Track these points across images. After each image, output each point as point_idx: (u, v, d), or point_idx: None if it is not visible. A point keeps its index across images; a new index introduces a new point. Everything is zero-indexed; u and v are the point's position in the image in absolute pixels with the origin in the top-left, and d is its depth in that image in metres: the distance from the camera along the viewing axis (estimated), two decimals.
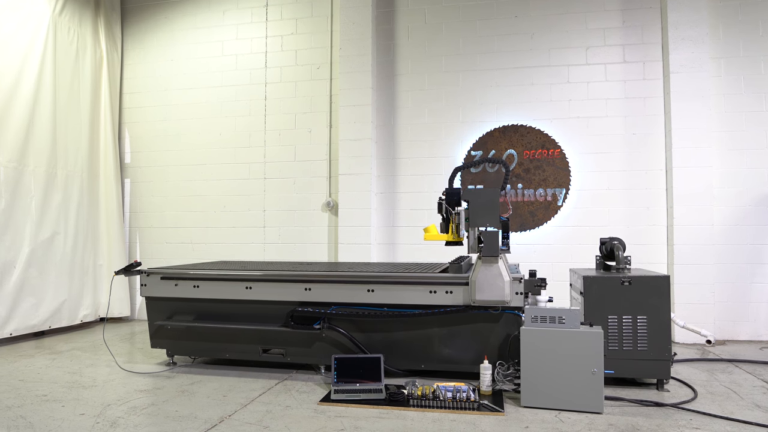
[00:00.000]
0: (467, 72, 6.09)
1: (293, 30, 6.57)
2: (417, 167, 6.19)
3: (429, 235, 3.98)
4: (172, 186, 6.88)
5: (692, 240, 5.35)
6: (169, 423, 3.07)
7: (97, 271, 6.40)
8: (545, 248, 5.85)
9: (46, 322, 5.63)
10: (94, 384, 3.87)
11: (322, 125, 6.45)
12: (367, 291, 3.97)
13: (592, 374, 3.23)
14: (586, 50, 5.83)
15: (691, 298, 5.31)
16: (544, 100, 5.90)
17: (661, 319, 3.64)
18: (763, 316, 5.39)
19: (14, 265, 5.31)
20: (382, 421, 3.10)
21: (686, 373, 4.14)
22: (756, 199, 5.43)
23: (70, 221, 5.98)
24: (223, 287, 4.24)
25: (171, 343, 4.40)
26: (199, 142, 6.82)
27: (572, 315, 3.33)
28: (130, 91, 7.06)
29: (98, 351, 5.00)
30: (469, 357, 3.89)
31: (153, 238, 6.91)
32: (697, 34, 5.41)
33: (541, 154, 5.88)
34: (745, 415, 3.17)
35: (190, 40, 6.88)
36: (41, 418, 3.14)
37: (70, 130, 6.07)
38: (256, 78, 6.66)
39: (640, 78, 5.69)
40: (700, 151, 5.37)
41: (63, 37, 6.01)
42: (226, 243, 6.68)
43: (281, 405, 3.39)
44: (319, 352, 4.10)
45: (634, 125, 5.70)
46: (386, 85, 6.29)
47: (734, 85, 5.51)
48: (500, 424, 3.06)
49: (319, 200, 6.45)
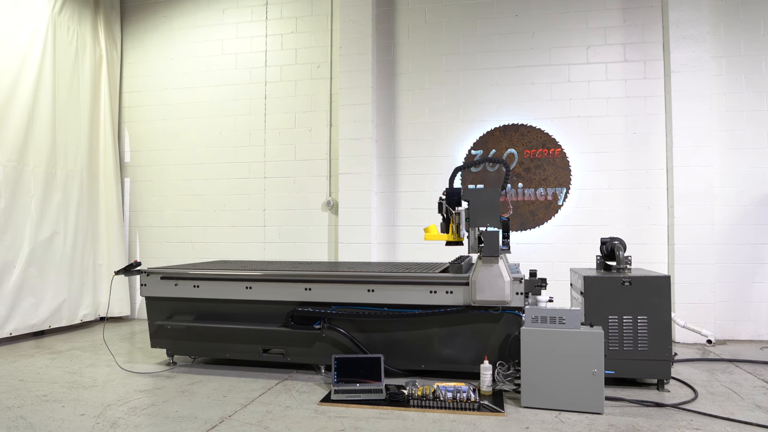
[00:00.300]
0: (468, 71, 6.08)
1: (293, 29, 6.56)
2: (417, 166, 6.18)
3: (429, 235, 3.98)
4: (172, 185, 6.87)
5: (693, 239, 5.34)
6: (170, 424, 3.07)
7: (97, 270, 6.39)
8: (546, 248, 5.85)
9: (46, 322, 5.63)
10: (94, 384, 3.87)
11: (322, 124, 6.44)
12: (368, 291, 3.96)
13: (593, 375, 3.22)
14: (586, 49, 5.81)
15: (692, 298, 5.30)
16: (545, 99, 5.89)
17: (661, 320, 3.64)
18: (764, 315, 5.38)
19: (14, 264, 5.31)
20: (383, 421, 3.10)
21: (687, 373, 4.14)
22: (757, 198, 5.42)
23: (69, 220, 5.98)
24: (223, 287, 4.23)
25: (171, 343, 4.40)
26: (199, 141, 6.81)
27: (572, 315, 3.33)
28: (130, 90, 7.04)
29: (98, 351, 5.00)
30: (470, 357, 3.88)
31: (153, 237, 6.91)
32: (698, 33, 5.39)
33: (541, 154, 5.87)
34: (746, 415, 3.17)
35: (189, 39, 6.87)
36: (41, 419, 3.14)
37: (69, 129, 6.06)
38: (256, 77, 6.65)
39: (640, 77, 5.67)
40: (700, 151, 5.36)
41: (62, 36, 6.00)
42: (226, 242, 6.67)
43: (281, 405, 3.39)
44: (319, 352, 4.10)
45: (634, 124, 5.69)
46: (386, 84, 6.27)
47: (735, 84, 5.49)
48: (500, 424, 3.05)
49: (319, 199, 6.44)
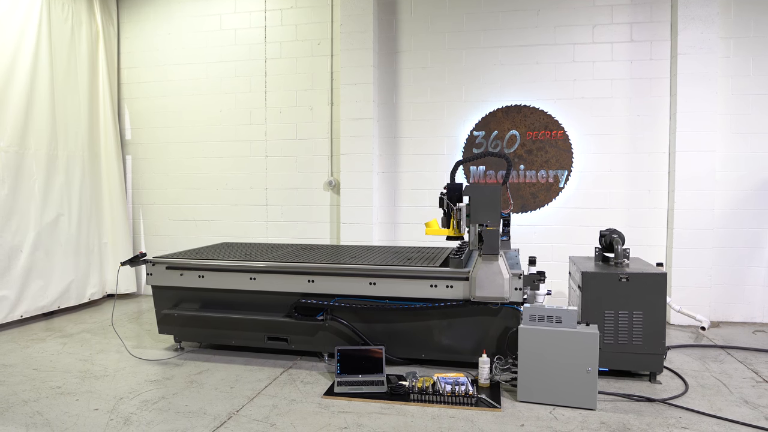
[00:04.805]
0: (471, 49, 5.97)
1: (293, 3, 6.39)
2: (419, 147, 6.16)
3: (430, 230, 4.03)
4: (174, 163, 6.87)
5: (692, 224, 5.38)
6: (180, 420, 3.21)
7: (103, 249, 6.48)
8: (546, 229, 5.90)
9: (55, 303, 5.76)
10: (106, 373, 4.00)
11: (323, 103, 6.38)
12: (369, 284, 4.04)
13: (587, 373, 3.33)
14: (592, 28, 5.69)
15: (689, 281, 5.39)
16: (549, 80, 5.81)
17: (656, 315, 3.72)
18: (758, 298, 5.48)
19: (21, 249, 5.38)
20: (384, 417, 3.23)
21: (679, 361, 4.26)
22: (757, 183, 5.42)
23: (73, 201, 6.02)
24: (227, 278, 4.31)
25: (178, 329, 4.52)
26: (199, 119, 6.76)
27: (569, 315, 3.41)
28: (128, 66, 6.94)
29: (107, 333, 5.14)
30: (468, 347, 4.00)
31: (156, 215, 6.96)
32: (707, 13, 5.26)
33: (543, 136, 5.84)
34: (733, 412, 3.29)
35: (187, 13, 6.71)
36: (57, 414, 3.28)
37: (69, 109, 6.02)
38: (256, 53, 6.54)
39: (647, 58, 5.57)
40: (704, 135, 5.33)
41: (57, 13, 5.87)
42: (229, 220, 6.73)
43: (287, 399, 3.52)
44: (322, 341, 4.22)
45: (638, 107, 5.63)
46: (388, 62, 6.17)
47: (742, 66, 5.40)
48: (497, 421, 3.18)
49: (321, 179, 6.45)
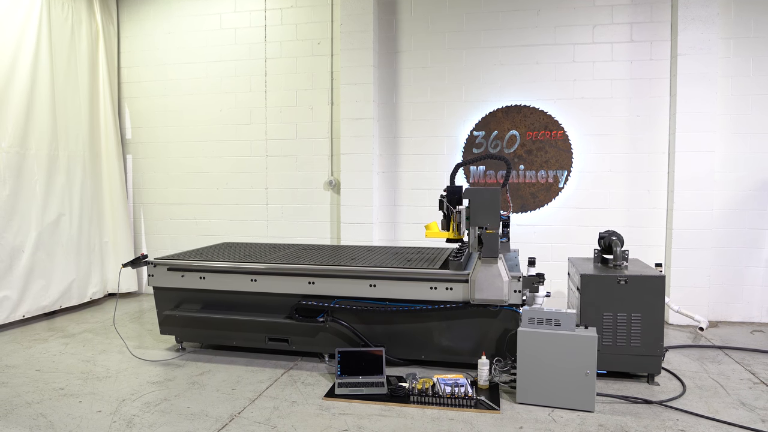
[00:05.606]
0: (471, 49, 5.97)
1: (293, 2, 6.39)
2: (419, 146, 6.17)
3: (430, 232, 4.05)
4: (174, 162, 6.88)
5: (692, 224, 5.39)
6: (182, 422, 3.24)
7: (104, 248, 6.50)
8: (545, 229, 5.92)
9: (57, 302, 5.79)
10: (108, 375, 4.04)
11: (323, 102, 6.39)
12: (369, 286, 4.07)
13: (585, 375, 3.36)
14: (592, 28, 5.69)
15: (687, 282, 5.42)
16: (549, 80, 5.81)
17: (654, 317, 3.75)
18: (756, 298, 5.50)
19: (22, 249, 5.41)
20: (384, 419, 3.26)
21: (677, 362, 4.29)
22: (757, 183, 5.44)
23: (74, 201, 6.03)
24: (228, 279, 4.34)
25: (179, 330, 4.55)
26: (199, 119, 6.77)
27: (568, 318, 3.44)
28: (128, 65, 6.94)
29: (109, 333, 5.17)
30: (468, 348, 4.03)
31: (157, 214, 6.98)
32: (707, 13, 5.26)
33: (543, 136, 5.85)
34: (730, 414, 3.33)
35: (187, 12, 6.70)
36: (60, 417, 3.31)
37: (69, 109, 6.02)
38: (256, 53, 6.54)
39: (646, 58, 5.58)
40: (704, 136, 5.34)
41: (57, 13, 5.86)
42: (230, 220, 6.75)
43: (288, 400, 3.55)
44: (322, 342, 4.25)
45: (638, 107, 5.64)
46: (388, 62, 6.18)
47: (743, 66, 5.40)
48: (496, 423, 3.21)
49: (321, 178, 6.47)
